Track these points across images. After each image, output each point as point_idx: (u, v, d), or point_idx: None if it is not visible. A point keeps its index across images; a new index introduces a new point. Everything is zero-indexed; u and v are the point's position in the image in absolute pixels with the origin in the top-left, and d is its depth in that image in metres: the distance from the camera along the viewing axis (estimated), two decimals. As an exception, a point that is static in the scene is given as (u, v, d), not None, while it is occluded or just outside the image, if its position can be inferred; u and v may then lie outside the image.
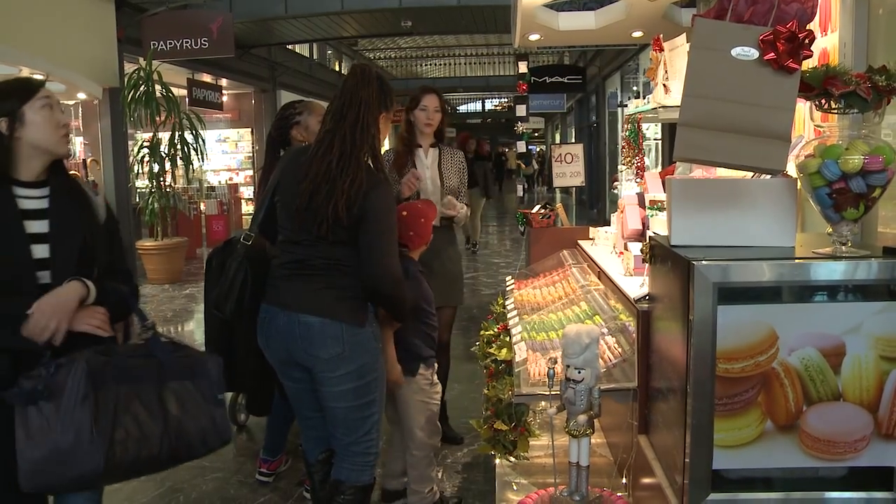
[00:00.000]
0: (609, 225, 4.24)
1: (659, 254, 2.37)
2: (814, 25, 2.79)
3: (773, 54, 1.86)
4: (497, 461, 3.27)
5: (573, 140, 23.25)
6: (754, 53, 1.89)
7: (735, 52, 1.90)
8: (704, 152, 1.95)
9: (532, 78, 14.23)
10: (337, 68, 25.19)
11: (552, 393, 2.49)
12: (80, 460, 2.06)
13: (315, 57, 21.89)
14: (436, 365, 3.34)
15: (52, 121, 2.28)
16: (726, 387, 1.96)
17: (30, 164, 2.28)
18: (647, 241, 2.52)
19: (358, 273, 2.59)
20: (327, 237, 2.57)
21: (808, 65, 2.00)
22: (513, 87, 24.32)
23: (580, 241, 4.36)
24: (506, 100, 39.10)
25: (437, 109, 3.98)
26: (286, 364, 2.72)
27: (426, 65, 32.58)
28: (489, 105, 42.15)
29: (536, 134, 37.31)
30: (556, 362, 2.45)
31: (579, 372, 2.33)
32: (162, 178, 9.92)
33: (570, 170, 8.58)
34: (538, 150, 35.12)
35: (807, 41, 1.85)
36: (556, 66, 14.87)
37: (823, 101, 1.96)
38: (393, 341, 3.00)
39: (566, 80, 14.05)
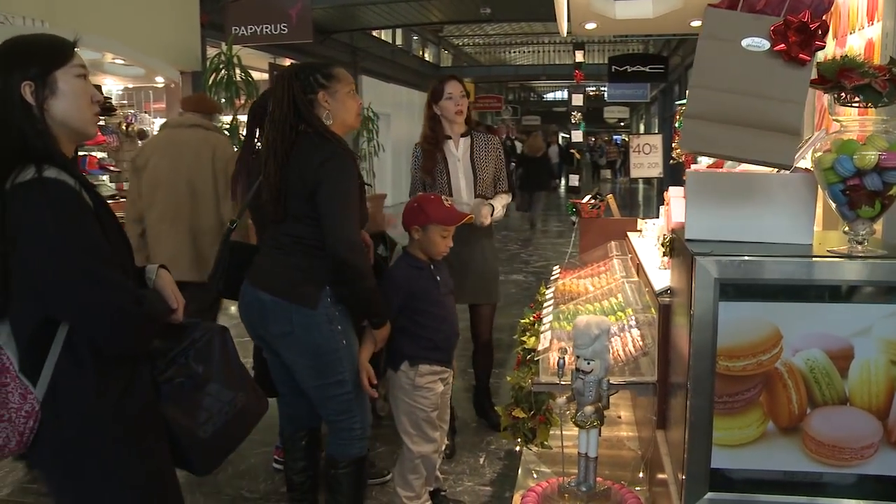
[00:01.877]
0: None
1: (676, 247, 2.34)
2: (861, 14, 2.68)
3: (783, 45, 1.80)
4: (521, 449, 3.27)
5: (657, 130, 22.78)
6: (765, 44, 1.84)
7: (745, 42, 1.85)
8: (711, 145, 1.91)
9: (613, 67, 14.05)
10: (421, 55, 25.32)
11: (562, 383, 2.48)
12: (255, 408, 2.15)
13: (400, 43, 22.07)
14: (423, 367, 3.06)
15: (86, 94, 1.87)
16: (727, 385, 1.92)
17: (65, 147, 1.87)
18: (669, 234, 2.48)
19: (322, 253, 2.64)
20: (292, 214, 2.67)
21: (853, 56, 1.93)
22: (597, 76, 23.91)
23: (629, 233, 4.29)
24: (592, 89, 38.57)
25: (463, 94, 3.88)
26: (257, 338, 2.88)
27: (513, 52, 32.41)
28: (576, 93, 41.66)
29: (622, 123, 36.69)
30: (566, 352, 2.44)
31: (588, 363, 2.31)
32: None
33: (648, 160, 8.42)
34: (622, 139, 34.55)
35: (819, 31, 1.78)
36: (638, 55, 14.64)
37: (843, 95, 1.90)
38: (368, 350, 2.86)
39: (648, 70, 13.78)
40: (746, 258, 1.90)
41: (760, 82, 1.85)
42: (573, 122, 10.38)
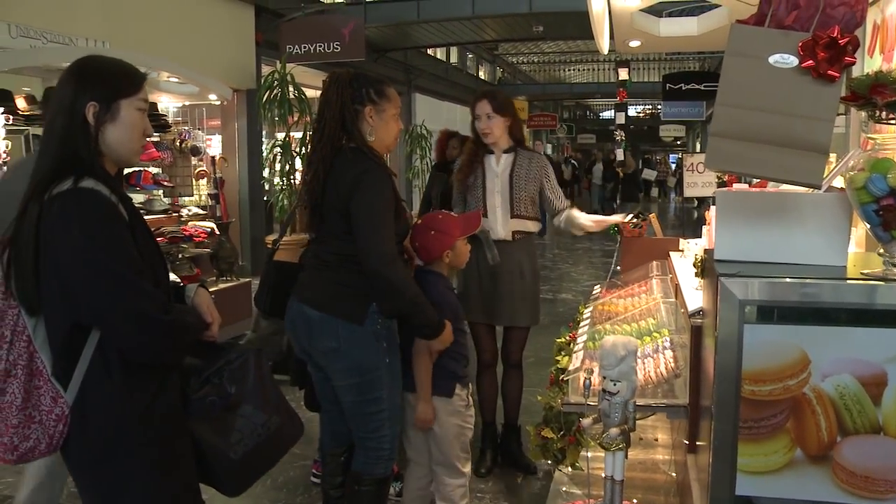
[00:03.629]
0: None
1: (706, 268, 2.29)
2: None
3: (811, 61, 1.76)
4: (554, 469, 3.23)
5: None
6: (793, 61, 1.79)
7: (773, 59, 1.81)
8: (737, 164, 1.86)
9: (668, 85, 13.91)
10: (476, 73, 25.41)
11: (590, 403, 2.44)
12: (289, 432, 2.16)
13: (455, 61, 22.20)
14: (471, 386, 3.08)
15: (141, 127, 1.96)
16: (752, 409, 1.87)
17: (108, 167, 1.94)
18: (702, 253, 2.43)
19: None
20: (332, 231, 2.68)
21: None
22: (652, 94, 23.63)
23: (672, 253, 4.22)
24: (649, 107, 38.23)
25: (490, 115, 3.71)
26: (303, 353, 2.85)
27: (568, 70, 32.31)
28: (632, 112, 41.30)
29: (679, 142, 36.23)
30: (592, 373, 2.40)
31: (615, 384, 2.27)
32: (292, 177, 10.35)
33: (701, 179, 8.29)
34: (678, 157, 34.13)
35: (849, 47, 1.73)
36: (693, 73, 14.46)
37: (878, 112, 1.84)
38: (430, 374, 2.84)
39: (703, 88, 13.58)
40: (772, 280, 1.85)
41: (788, 100, 1.80)
42: (617, 140, 10.28)
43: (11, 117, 5.95)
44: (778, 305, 1.85)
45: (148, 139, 2.05)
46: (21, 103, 6.30)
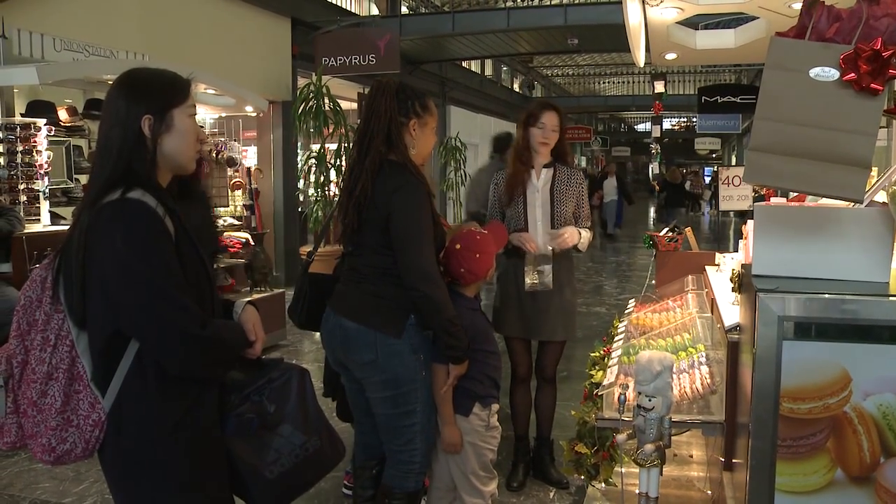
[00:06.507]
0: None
1: (744, 283, 2.26)
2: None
3: (853, 74, 1.73)
4: (587, 484, 3.20)
5: (750, 162, 22.06)
6: (834, 74, 1.77)
7: (813, 72, 1.78)
8: (776, 178, 1.84)
9: (703, 97, 13.80)
10: (510, 86, 25.43)
11: (625, 419, 2.42)
12: (329, 455, 2.12)
13: (489, 74, 22.24)
14: (494, 406, 2.96)
15: (194, 133, 1.97)
16: (791, 428, 1.84)
17: (162, 177, 1.96)
18: (739, 268, 2.40)
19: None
20: (369, 244, 2.67)
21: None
22: (687, 107, 23.45)
23: (707, 267, 4.17)
24: (684, 119, 37.93)
25: (556, 129, 3.70)
26: (338, 365, 2.85)
27: (603, 82, 32.21)
28: (667, 124, 41.00)
29: (714, 155, 35.89)
30: (627, 388, 2.38)
31: (650, 400, 2.25)
32: (327, 188, 10.42)
33: (737, 193, 8.23)
34: (713, 170, 33.77)
35: (893, 60, 1.70)
36: (729, 86, 14.31)
37: (921, 126, 1.81)
38: (450, 399, 2.80)
39: (738, 100, 13.44)
40: (812, 296, 1.82)
41: (829, 113, 1.77)
42: (651, 153, 10.20)
43: (54, 128, 6.08)
44: (817, 322, 1.82)
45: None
46: (63, 115, 6.44)
